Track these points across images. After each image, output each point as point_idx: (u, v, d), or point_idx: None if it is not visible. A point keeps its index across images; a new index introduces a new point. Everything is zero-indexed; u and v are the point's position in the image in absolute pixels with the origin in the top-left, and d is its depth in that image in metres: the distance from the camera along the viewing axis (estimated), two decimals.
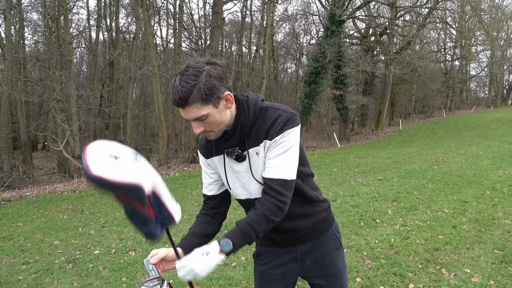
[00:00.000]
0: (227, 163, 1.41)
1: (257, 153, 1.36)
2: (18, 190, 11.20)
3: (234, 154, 1.37)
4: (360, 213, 5.20)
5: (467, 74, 41.01)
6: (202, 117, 1.24)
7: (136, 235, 5.01)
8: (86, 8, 26.75)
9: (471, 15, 23.04)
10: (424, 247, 3.78)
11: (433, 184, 6.94)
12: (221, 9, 12.80)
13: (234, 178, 1.43)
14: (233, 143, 1.35)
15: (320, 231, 1.53)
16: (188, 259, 1.20)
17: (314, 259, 1.53)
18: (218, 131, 1.31)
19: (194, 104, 1.21)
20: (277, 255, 1.54)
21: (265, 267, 1.56)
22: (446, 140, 15.88)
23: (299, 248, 1.52)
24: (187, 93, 1.20)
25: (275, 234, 1.47)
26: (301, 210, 1.47)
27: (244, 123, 1.34)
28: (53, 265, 4.06)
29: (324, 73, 18.99)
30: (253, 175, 1.38)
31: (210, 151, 1.46)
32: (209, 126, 1.28)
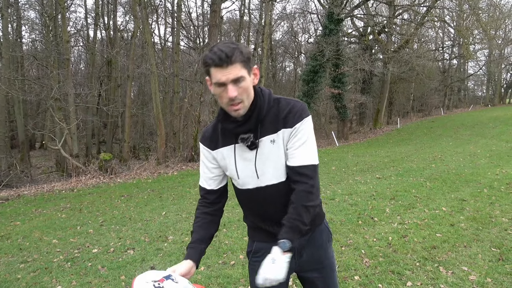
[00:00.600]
0: (238, 152, 1.44)
1: (272, 141, 1.40)
2: (16, 189, 11.18)
3: (249, 141, 1.40)
4: (358, 212, 5.21)
5: (465, 73, 41.11)
6: (240, 78, 1.29)
7: (134, 233, 5.02)
8: (84, 6, 26.76)
9: (469, 13, 23.07)
10: (422, 245, 3.80)
11: (431, 182, 6.96)
12: (219, 7, 12.78)
13: (244, 166, 1.44)
14: (249, 127, 1.38)
15: (315, 225, 1.58)
16: (262, 271, 1.29)
17: (310, 252, 1.57)
18: (246, 104, 1.35)
19: (237, 63, 1.27)
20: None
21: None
22: (444, 138, 15.92)
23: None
24: (231, 52, 1.26)
25: (275, 227, 1.47)
26: None
27: (261, 107, 1.38)
28: (51, 264, 4.06)
29: (322, 72, 18.99)
30: (264, 162, 1.42)
31: (216, 142, 1.48)
32: (242, 93, 1.31)
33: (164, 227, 5.20)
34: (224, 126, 1.43)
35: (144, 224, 5.49)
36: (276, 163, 1.42)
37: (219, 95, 1.33)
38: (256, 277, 1.30)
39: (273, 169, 1.43)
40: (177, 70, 17.54)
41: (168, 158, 14.53)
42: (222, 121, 1.43)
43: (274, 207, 1.48)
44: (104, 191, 9.30)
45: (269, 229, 1.53)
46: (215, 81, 1.30)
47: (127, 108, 17.01)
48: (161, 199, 7.49)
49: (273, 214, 1.49)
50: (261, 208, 1.51)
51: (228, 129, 1.42)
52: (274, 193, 1.46)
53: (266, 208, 1.50)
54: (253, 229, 1.64)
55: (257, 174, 1.43)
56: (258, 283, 1.28)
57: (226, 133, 1.45)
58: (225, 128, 1.43)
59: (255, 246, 1.62)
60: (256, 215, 1.56)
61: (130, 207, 6.96)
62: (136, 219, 5.88)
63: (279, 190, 1.45)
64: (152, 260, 3.93)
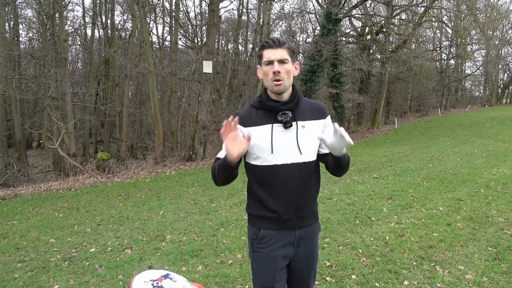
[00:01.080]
0: (275, 129, 1.68)
1: (303, 126, 1.71)
2: (13, 188, 11.14)
3: (287, 117, 1.68)
4: (355, 211, 5.23)
5: (463, 73, 41.25)
6: (285, 60, 1.65)
7: (132, 233, 5.02)
8: (82, 5, 26.64)
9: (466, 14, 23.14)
10: (419, 245, 3.81)
11: (428, 182, 6.99)
12: (217, 7, 12.77)
13: (280, 142, 1.68)
14: (290, 106, 1.69)
15: (313, 219, 1.81)
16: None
17: (305, 245, 1.78)
18: (286, 84, 1.67)
19: (285, 48, 1.66)
20: (279, 238, 1.72)
21: (269, 249, 1.72)
22: (441, 138, 15.97)
23: (297, 233, 1.74)
24: (282, 40, 1.68)
25: (288, 209, 1.69)
26: (314, 190, 1.79)
27: (299, 95, 1.74)
28: (49, 263, 4.06)
29: (320, 72, 19.01)
30: (297, 141, 1.69)
31: (250, 121, 1.70)
32: (284, 73, 1.64)
33: (162, 227, 5.20)
34: (268, 104, 1.70)
35: (141, 224, 5.49)
36: (311, 145, 1.73)
37: (266, 72, 1.66)
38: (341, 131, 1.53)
39: (309, 149, 1.72)
40: (175, 69, 17.53)
41: (166, 158, 14.51)
42: (265, 101, 1.71)
43: (296, 185, 1.69)
44: (102, 191, 9.29)
45: (283, 216, 1.70)
46: (265, 59, 1.65)
47: (125, 107, 16.97)
48: (159, 199, 7.48)
49: (294, 193, 1.69)
50: (283, 185, 1.68)
51: (270, 106, 1.69)
52: (304, 171, 1.71)
53: (289, 184, 1.68)
54: (262, 218, 1.74)
55: (300, 151, 1.69)
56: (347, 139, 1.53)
57: (265, 114, 1.70)
58: (268, 106, 1.70)
59: (261, 233, 1.74)
60: (274, 196, 1.70)
61: (127, 207, 6.96)
62: (133, 219, 5.88)
63: (309, 168, 1.72)
64: (150, 259, 3.93)
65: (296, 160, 1.68)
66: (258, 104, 1.73)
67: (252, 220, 1.80)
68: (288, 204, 1.69)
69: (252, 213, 1.79)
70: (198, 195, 7.41)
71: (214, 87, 18.14)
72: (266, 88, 1.73)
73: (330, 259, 3.59)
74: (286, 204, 1.69)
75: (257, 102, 1.74)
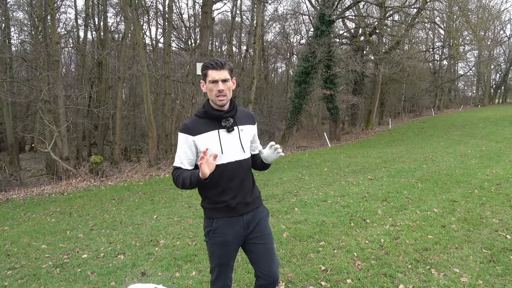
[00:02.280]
0: (221, 133, 2.05)
1: (241, 130, 2.11)
2: (4, 193, 11.00)
3: (230, 123, 2.06)
4: (350, 214, 5.21)
5: (455, 74, 41.57)
6: (227, 80, 2.00)
7: (125, 238, 4.96)
8: (74, 7, 26.46)
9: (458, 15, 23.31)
10: (414, 247, 3.80)
11: (422, 183, 7.00)
12: (210, 9, 12.73)
13: (227, 144, 2.05)
14: (231, 114, 2.07)
15: (257, 204, 2.19)
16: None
17: (254, 224, 2.15)
18: (228, 98, 2.03)
19: (226, 69, 2.01)
20: (230, 226, 2.09)
21: (222, 238, 2.08)
22: (435, 139, 16.05)
23: (245, 218, 2.12)
24: (224, 62, 2.01)
25: (234, 198, 2.07)
26: (252, 180, 2.20)
27: (236, 106, 2.12)
28: (40, 270, 3.99)
29: (314, 73, 19.03)
30: (241, 142, 2.09)
31: (197, 130, 2.03)
32: (226, 90, 2.00)
33: (156, 231, 5.14)
34: (212, 113, 2.04)
35: (135, 228, 5.42)
36: (248, 145, 2.16)
37: (211, 89, 2.00)
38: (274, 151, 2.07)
39: (248, 148, 2.15)
40: (168, 71, 17.46)
41: (160, 160, 14.42)
42: (210, 111, 2.04)
43: (239, 178, 2.08)
44: (95, 194, 9.20)
45: (231, 204, 2.06)
46: (210, 79, 1.99)
47: (118, 110, 16.86)
48: (153, 202, 7.42)
49: (238, 185, 2.07)
50: (229, 179, 2.05)
51: (215, 115, 2.04)
52: (245, 165, 2.11)
53: (233, 178, 2.06)
54: (214, 209, 2.10)
55: (243, 149, 2.10)
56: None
57: (210, 122, 2.05)
58: (213, 115, 2.04)
59: (214, 224, 2.09)
60: (224, 190, 2.06)
61: (121, 211, 6.89)
62: (127, 223, 5.81)
63: (248, 163, 2.16)
64: (143, 265, 3.88)
65: (240, 157, 2.09)
66: (203, 114, 2.06)
67: (206, 212, 2.14)
68: (234, 194, 2.07)
69: (206, 207, 2.13)
70: (192, 198, 7.36)
71: None
72: (208, 100, 2.07)
73: (325, 262, 3.57)
74: (233, 194, 2.07)
75: (203, 113, 2.07)
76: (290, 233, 4.50)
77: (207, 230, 2.13)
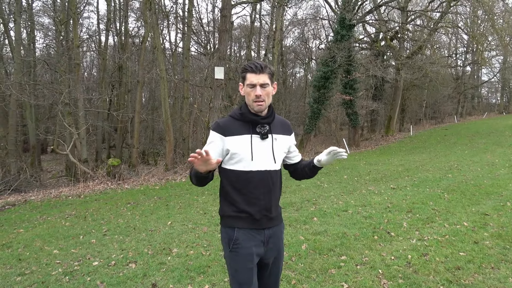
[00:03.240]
0: (254, 139, 1.90)
1: (275, 139, 1.97)
2: (24, 194, 11.10)
3: (265, 129, 1.92)
4: (373, 225, 4.92)
5: (479, 80, 40.36)
6: (266, 85, 1.87)
7: (138, 245, 4.81)
8: (96, 12, 26.93)
9: (483, 19, 22.61)
10: (445, 266, 3.50)
11: (449, 194, 6.63)
12: (229, 12, 12.63)
13: (258, 151, 1.90)
14: (268, 121, 1.93)
15: (279, 219, 2.04)
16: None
17: (273, 242, 1.98)
18: (266, 104, 1.90)
19: (266, 74, 1.87)
20: (252, 237, 1.90)
21: (245, 249, 1.88)
22: (459, 147, 15.47)
23: (266, 232, 1.95)
24: (264, 65, 1.87)
25: (259, 211, 1.90)
26: (279, 195, 2.03)
27: (274, 114, 2.00)
28: (49, 277, 3.86)
29: (333, 78, 18.71)
30: (273, 152, 1.94)
31: (231, 131, 1.89)
32: (264, 95, 1.87)
33: (169, 239, 4.97)
34: (249, 116, 1.90)
35: (148, 235, 5.27)
36: (281, 156, 2.01)
37: (249, 93, 1.88)
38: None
39: (280, 159, 2.00)
40: (187, 75, 17.44)
41: (177, 164, 14.36)
42: (247, 114, 1.90)
43: (267, 189, 1.92)
44: (111, 198, 9.14)
45: (253, 213, 1.89)
46: (248, 82, 1.87)
47: (137, 113, 16.92)
48: (168, 207, 7.28)
49: (265, 197, 1.91)
50: (257, 189, 1.89)
51: (252, 119, 1.90)
52: (274, 177, 1.95)
53: (262, 189, 1.90)
54: (236, 218, 1.91)
55: (274, 159, 1.95)
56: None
57: (244, 125, 1.91)
58: (249, 118, 1.90)
59: (236, 233, 1.90)
60: (249, 199, 1.89)
61: (135, 216, 6.77)
62: (140, 229, 5.68)
63: (278, 176, 2.00)
64: (154, 276, 3.70)
65: (270, 167, 1.93)
66: (239, 116, 1.92)
67: (226, 221, 1.95)
68: (260, 206, 1.90)
69: (226, 215, 1.95)
70: (207, 205, 7.18)
71: (226, 93, 17.99)
72: (245, 102, 1.93)
73: (348, 280, 3.31)
74: (258, 206, 1.90)
75: (238, 114, 1.93)
76: (309, 245, 4.26)
77: (226, 241, 1.93)
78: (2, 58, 19.52)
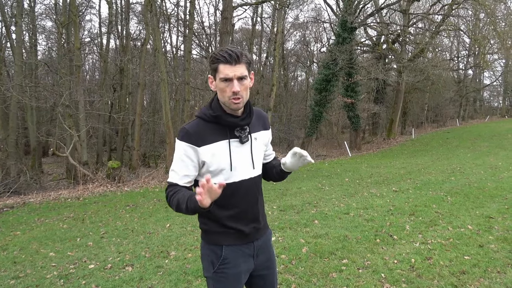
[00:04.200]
0: (232, 145, 1.57)
1: (255, 138, 1.65)
2: (23, 196, 11.03)
3: (245, 132, 1.60)
4: (375, 228, 4.82)
5: (481, 83, 40.24)
6: (244, 77, 1.50)
7: (135, 248, 4.72)
8: (98, 15, 26.98)
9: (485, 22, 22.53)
10: (449, 270, 3.40)
11: (452, 197, 6.53)
12: (231, 14, 12.60)
13: (238, 159, 1.58)
14: (248, 121, 1.59)
15: (266, 228, 1.78)
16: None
17: (263, 252, 1.73)
18: (244, 100, 1.54)
19: (243, 64, 1.49)
20: (241, 254, 1.64)
21: (233, 269, 1.62)
22: (461, 150, 15.36)
23: (255, 244, 1.69)
24: (239, 53, 1.48)
25: (247, 224, 1.64)
26: (263, 201, 1.77)
27: (252, 109, 1.62)
28: (43, 281, 3.77)
29: (335, 81, 18.65)
30: (252, 157, 1.63)
31: (203, 139, 1.53)
32: (243, 91, 1.51)
33: (167, 241, 4.88)
34: (225, 119, 1.54)
35: (146, 237, 5.18)
36: (261, 157, 1.71)
37: (223, 89, 1.50)
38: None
39: (260, 161, 1.70)
40: (188, 78, 17.39)
41: None
42: (222, 116, 1.54)
43: (254, 199, 1.65)
44: (110, 200, 9.07)
45: (242, 229, 1.62)
46: (222, 76, 1.48)
47: (137, 115, 16.87)
48: (167, 210, 7.19)
49: (252, 208, 1.65)
50: (243, 201, 1.61)
51: (229, 123, 1.55)
52: (258, 184, 1.69)
53: (248, 200, 1.63)
54: (221, 234, 1.62)
55: (253, 165, 1.64)
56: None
57: (217, 128, 1.56)
58: (226, 122, 1.55)
59: (224, 252, 1.62)
60: (236, 213, 1.61)
61: (134, 218, 6.68)
62: (138, 231, 5.59)
63: (260, 181, 1.72)
64: (150, 279, 3.61)
65: (251, 174, 1.63)
66: (212, 119, 1.56)
67: (211, 237, 1.65)
68: (248, 220, 1.65)
69: (212, 230, 1.64)
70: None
71: None
72: (217, 99, 1.58)
73: (349, 284, 3.21)
74: (246, 220, 1.64)
75: (210, 116, 1.56)
76: (310, 248, 4.16)
77: (209, 261, 1.63)
78: (4, 61, 19.54)
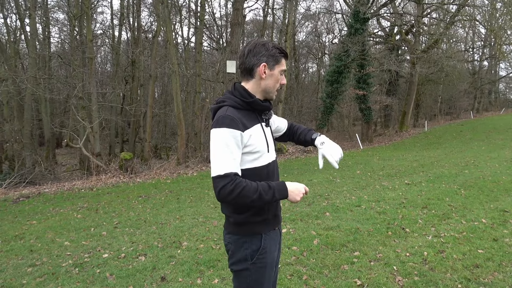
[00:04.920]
0: (265, 129, 1.69)
1: (273, 121, 1.90)
2: (38, 187, 11.25)
3: (270, 114, 1.74)
4: (387, 221, 4.80)
5: (496, 75, 39.39)
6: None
7: (148, 238, 4.78)
8: (110, 7, 27.05)
9: (502, 12, 21.98)
10: (463, 263, 3.37)
11: (466, 190, 6.45)
12: (242, 6, 12.53)
13: (270, 140, 1.71)
14: (272, 106, 1.74)
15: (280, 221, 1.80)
16: (333, 152, 1.79)
17: (281, 239, 1.81)
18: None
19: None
20: (274, 242, 1.68)
21: (271, 258, 1.65)
22: (476, 142, 15.11)
23: (279, 229, 1.77)
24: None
25: (277, 208, 1.70)
26: None
27: None
28: (59, 269, 3.86)
29: (347, 72, 18.45)
30: (273, 137, 1.78)
31: (244, 124, 1.56)
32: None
33: (179, 232, 4.94)
34: (261, 104, 1.65)
35: (158, 228, 5.25)
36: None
37: (278, 79, 1.67)
38: (331, 161, 1.77)
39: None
40: (199, 69, 17.41)
41: (189, 159, 14.37)
42: (259, 101, 1.63)
43: (278, 179, 1.74)
44: (123, 191, 9.18)
45: (276, 212, 1.69)
46: (283, 68, 1.67)
47: (149, 107, 16.99)
48: (179, 201, 7.26)
49: None
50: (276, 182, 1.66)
51: (264, 107, 1.66)
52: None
53: (276, 180, 1.71)
54: (261, 223, 1.63)
55: (274, 146, 1.78)
56: (336, 161, 1.77)
57: (249, 114, 1.63)
58: (262, 106, 1.65)
59: (263, 242, 1.62)
60: None
61: (146, 209, 6.77)
62: (151, 222, 5.66)
63: None
64: (163, 269, 3.66)
65: (275, 155, 1.76)
66: (244, 105, 1.61)
67: (250, 227, 1.62)
68: (277, 202, 1.71)
69: (251, 220, 1.61)
70: None
71: None
72: (244, 88, 1.65)
73: (361, 276, 3.21)
74: (276, 203, 1.71)
75: (243, 103, 1.61)
76: (321, 240, 4.16)
77: (249, 252, 1.60)
78: (19, 53, 19.81)
